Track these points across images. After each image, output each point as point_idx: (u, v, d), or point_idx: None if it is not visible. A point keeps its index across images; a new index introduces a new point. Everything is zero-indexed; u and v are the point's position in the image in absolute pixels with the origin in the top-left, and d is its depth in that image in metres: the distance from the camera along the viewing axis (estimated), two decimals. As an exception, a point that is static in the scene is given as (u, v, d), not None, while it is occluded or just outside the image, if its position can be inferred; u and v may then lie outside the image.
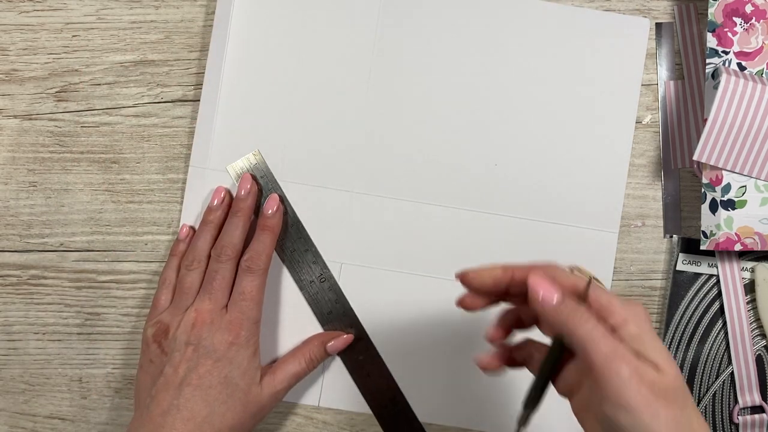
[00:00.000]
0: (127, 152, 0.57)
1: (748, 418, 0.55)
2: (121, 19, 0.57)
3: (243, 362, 0.50)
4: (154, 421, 0.47)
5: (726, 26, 0.53)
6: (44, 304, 0.57)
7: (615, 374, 0.35)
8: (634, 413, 0.35)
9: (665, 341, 0.55)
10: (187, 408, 0.48)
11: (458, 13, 0.56)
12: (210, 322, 0.49)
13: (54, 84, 0.57)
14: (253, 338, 0.51)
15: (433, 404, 0.55)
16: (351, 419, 0.56)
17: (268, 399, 0.51)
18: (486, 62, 0.56)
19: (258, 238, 0.52)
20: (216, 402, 0.48)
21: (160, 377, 0.49)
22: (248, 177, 0.54)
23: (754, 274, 0.55)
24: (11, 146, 0.57)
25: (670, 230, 0.56)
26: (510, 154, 0.56)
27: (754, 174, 0.52)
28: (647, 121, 0.56)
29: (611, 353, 0.36)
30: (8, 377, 0.57)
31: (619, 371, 0.35)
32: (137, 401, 0.50)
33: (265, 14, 0.56)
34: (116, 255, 0.57)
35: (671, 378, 0.36)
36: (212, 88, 0.56)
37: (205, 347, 0.49)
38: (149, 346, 0.51)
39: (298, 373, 0.53)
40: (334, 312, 0.55)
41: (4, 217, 0.57)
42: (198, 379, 0.48)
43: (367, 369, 0.55)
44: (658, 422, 0.35)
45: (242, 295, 0.50)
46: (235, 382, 0.49)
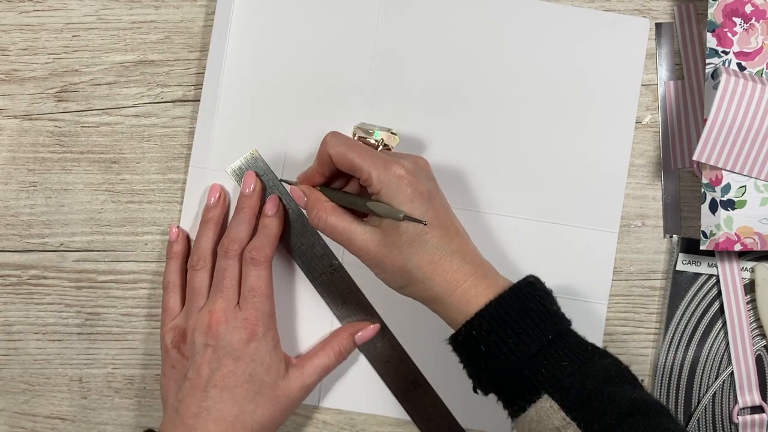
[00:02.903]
0: (127, 152, 0.57)
1: (747, 418, 0.55)
2: (121, 19, 0.57)
3: (265, 358, 0.50)
4: (186, 424, 0.48)
5: (726, 26, 0.53)
6: (44, 304, 0.57)
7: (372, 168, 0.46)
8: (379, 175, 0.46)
9: (665, 341, 0.55)
10: (217, 409, 0.48)
11: (458, 13, 0.56)
12: (225, 321, 0.50)
13: (54, 84, 0.57)
14: (270, 332, 0.51)
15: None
16: (351, 419, 0.56)
17: (298, 392, 0.51)
18: (486, 62, 0.56)
19: (260, 232, 0.53)
20: (244, 400, 0.49)
21: (185, 382, 0.49)
22: (252, 174, 0.54)
23: (754, 274, 0.55)
24: (11, 146, 0.57)
25: (670, 230, 0.56)
26: (510, 154, 0.56)
27: (753, 174, 0.52)
28: (647, 121, 0.56)
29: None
30: (8, 377, 0.57)
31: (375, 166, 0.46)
32: (165, 405, 0.51)
33: (265, 14, 0.56)
34: (116, 255, 0.57)
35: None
36: (212, 88, 0.56)
37: (224, 347, 0.49)
38: (169, 353, 0.51)
39: (327, 367, 0.53)
40: (348, 302, 0.55)
41: (4, 217, 0.57)
42: (222, 379, 0.49)
43: (386, 355, 0.55)
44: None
45: (252, 292, 0.50)
46: (261, 378, 0.49)
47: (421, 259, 0.46)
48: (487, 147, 0.56)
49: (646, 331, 0.56)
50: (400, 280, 0.47)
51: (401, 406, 0.55)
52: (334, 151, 0.48)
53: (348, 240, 0.47)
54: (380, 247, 0.46)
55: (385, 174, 0.46)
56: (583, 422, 0.42)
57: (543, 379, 0.43)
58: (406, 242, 0.46)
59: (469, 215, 0.55)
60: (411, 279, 0.47)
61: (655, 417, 0.42)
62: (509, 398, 0.45)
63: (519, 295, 0.45)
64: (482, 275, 0.47)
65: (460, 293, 0.46)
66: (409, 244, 0.46)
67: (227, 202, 0.55)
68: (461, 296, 0.46)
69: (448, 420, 0.55)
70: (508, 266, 0.55)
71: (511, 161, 0.56)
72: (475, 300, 0.46)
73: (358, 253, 0.47)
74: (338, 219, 0.48)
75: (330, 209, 0.48)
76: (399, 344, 0.55)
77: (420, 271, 0.46)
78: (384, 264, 0.47)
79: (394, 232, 0.46)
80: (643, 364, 0.56)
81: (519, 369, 0.44)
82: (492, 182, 0.56)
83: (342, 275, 0.55)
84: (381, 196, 0.46)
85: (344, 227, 0.47)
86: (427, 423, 0.55)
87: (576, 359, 0.44)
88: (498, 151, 0.56)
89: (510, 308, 0.45)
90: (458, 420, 0.55)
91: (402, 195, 0.46)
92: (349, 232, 0.47)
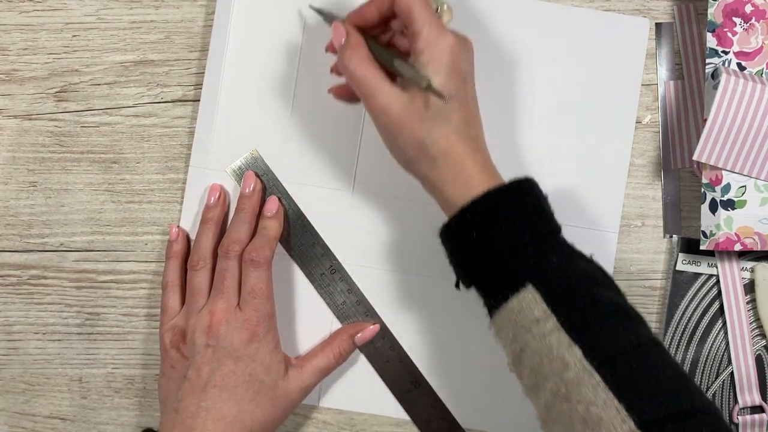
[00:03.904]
0: (127, 152, 0.57)
1: (747, 418, 0.55)
2: (121, 19, 0.57)
3: (265, 358, 0.50)
4: (185, 424, 0.48)
5: (726, 26, 0.53)
6: (44, 304, 0.57)
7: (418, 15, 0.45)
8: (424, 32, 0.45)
9: (665, 341, 0.55)
10: (216, 409, 0.48)
11: (457, 13, 0.56)
12: (226, 321, 0.50)
13: (54, 84, 0.57)
14: (270, 333, 0.51)
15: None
16: (351, 419, 0.56)
17: (297, 393, 0.51)
18: (485, 62, 0.56)
19: (260, 233, 0.53)
20: (243, 400, 0.49)
21: (185, 382, 0.49)
22: (252, 174, 0.54)
23: (753, 274, 0.55)
24: (11, 146, 0.57)
25: (670, 230, 0.56)
26: (510, 154, 0.56)
27: (753, 174, 0.52)
28: (647, 121, 0.56)
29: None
30: (8, 377, 0.57)
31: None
32: (164, 406, 0.51)
33: (265, 14, 0.56)
34: (116, 255, 0.57)
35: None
36: (212, 88, 0.56)
37: (225, 347, 0.49)
38: (168, 353, 0.51)
39: (327, 368, 0.53)
40: (348, 302, 0.55)
41: (4, 217, 0.57)
42: (222, 379, 0.49)
43: (386, 355, 0.55)
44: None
45: (252, 293, 0.50)
46: (260, 379, 0.49)
47: (440, 135, 0.45)
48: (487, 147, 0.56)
49: (646, 331, 0.56)
50: (411, 152, 0.46)
51: (401, 406, 0.55)
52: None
53: (372, 95, 0.45)
54: (402, 111, 0.45)
55: (436, 36, 0.45)
56: (563, 316, 0.42)
57: (529, 268, 0.43)
58: (430, 115, 0.45)
59: (469, 215, 0.55)
60: (423, 154, 0.46)
61: (635, 322, 0.42)
62: (492, 288, 0.45)
63: (518, 188, 0.45)
64: (489, 168, 0.47)
65: (464, 177, 0.46)
66: (433, 118, 0.45)
67: (227, 202, 0.55)
68: (464, 180, 0.46)
69: (448, 420, 0.55)
70: (508, 266, 0.55)
71: (510, 161, 0.56)
72: (477, 187, 0.45)
73: (379, 113, 0.45)
74: (369, 68, 0.45)
75: (364, 58, 0.46)
76: (399, 344, 0.55)
77: (435, 146, 0.45)
78: (401, 131, 0.45)
79: (421, 100, 0.45)
80: (643, 364, 0.56)
81: (507, 257, 0.44)
82: (492, 182, 0.56)
83: (342, 275, 0.55)
84: (421, 55, 0.45)
85: (371, 79, 0.45)
86: (427, 423, 0.55)
87: (564, 256, 0.44)
88: (498, 150, 0.56)
89: (507, 198, 0.45)
90: (458, 420, 0.55)
91: (442, 64, 0.44)
92: (375, 86, 0.45)
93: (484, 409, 0.55)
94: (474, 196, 0.45)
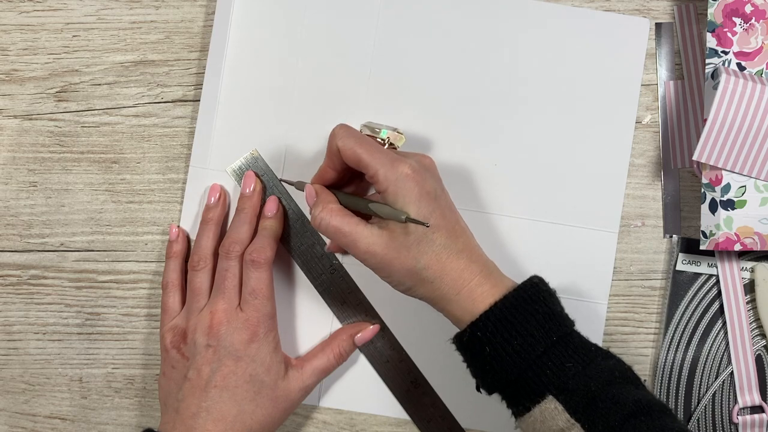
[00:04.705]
0: (128, 152, 0.57)
1: (747, 418, 0.55)
2: (121, 19, 0.57)
3: (266, 358, 0.50)
4: (186, 424, 0.48)
5: (726, 26, 0.53)
6: (44, 304, 0.57)
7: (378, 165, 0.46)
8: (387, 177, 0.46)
9: (665, 341, 0.55)
10: (216, 409, 0.48)
11: (457, 13, 0.56)
12: (227, 321, 0.50)
13: (54, 84, 0.57)
14: (271, 333, 0.51)
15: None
16: (351, 419, 0.56)
17: (297, 393, 0.51)
18: (485, 62, 0.56)
19: (260, 233, 0.53)
20: (244, 400, 0.49)
21: (185, 382, 0.49)
22: (252, 174, 0.54)
23: (753, 274, 0.55)
24: (11, 146, 0.57)
25: (670, 230, 0.56)
26: (510, 154, 0.56)
27: (753, 174, 0.52)
28: (647, 121, 0.56)
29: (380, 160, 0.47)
30: (8, 377, 0.57)
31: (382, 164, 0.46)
32: (164, 406, 0.51)
33: (265, 14, 0.56)
34: (116, 255, 0.57)
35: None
36: (212, 88, 0.56)
37: (225, 347, 0.49)
38: (169, 353, 0.51)
39: (327, 368, 0.53)
40: (348, 302, 0.55)
41: (5, 217, 0.57)
42: (223, 379, 0.49)
43: (386, 355, 0.55)
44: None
45: (253, 293, 0.50)
46: (261, 379, 0.50)
47: (429, 258, 0.46)
48: (487, 147, 0.56)
49: (646, 331, 0.56)
50: (408, 281, 0.47)
51: (401, 406, 0.55)
52: (342, 143, 0.47)
53: (353, 242, 0.47)
54: (387, 249, 0.46)
55: (392, 172, 0.46)
56: (587, 423, 0.42)
57: (547, 380, 0.44)
58: (413, 242, 0.46)
59: (469, 215, 0.55)
60: (419, 280, 0.47)
61: (658, 417, 0.43)
62: (513, 398, 0.45)
63: (524, 296, 0.45)
64: (487, 274, 0.47)
65: (466, 292, 0.46)
66: (417, 244, 0.46)
67: (227, 202, 0.55)
68: (467, 295, 0.46)
69: (448, 420, 0.55)
70: (509, 266, 0.55)
71: (511, 161, 0.56)
72: (481, 300, 0.46)
73: (364, 256, 0.47)
74: (342, 221, 0.47)
75: (335, 210, 0.47)
76: (399, 344, 0.55)
77: (428, 271, 0.46)
78: (392, 266, 0.46)
79: (401, 232, 0.46)
80: (643, 364, 0.56)
81: (523, 370, 0.44)
82: (492, 182, 0.56)
83: (342, 275, 0.55)
84: (387, 194, 0.46)
85: (349, 230, 0.47)
86: (427, 423, 0.55)
87: (580, 360, 0.44)
88: (498, 150, 0.56)
89: (515, 309, 0.45)
90: (458, 420, 0.55)
91: (409, 194, 0.46)
92: (353, 233, 0.47)
93: (484, 409, 0.55)
94: (479, 311, 0.45)
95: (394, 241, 0.46)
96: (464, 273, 0.46)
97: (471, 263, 0.46)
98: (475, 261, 0.47)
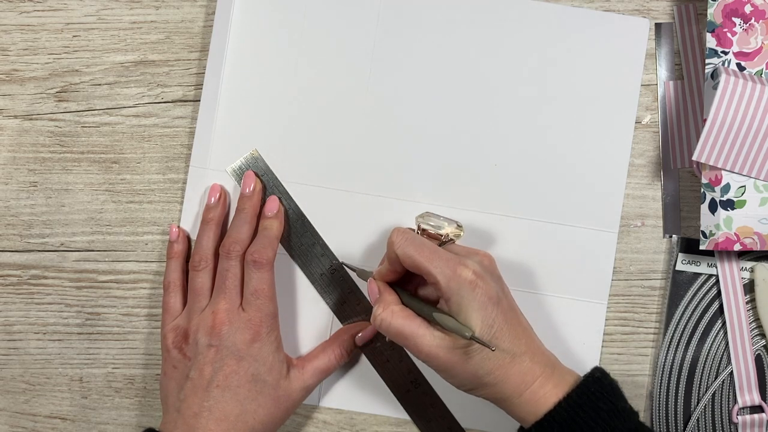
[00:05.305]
0: (128, 152, 0.57)
1: (747, 418, 0.55)
2: (122, 19, 0.57)
3: (268, 358, 0.50)
4: (188, 424, 0.48)
5: (725, 26, 0.53)
6: (45, 304, 0.57)
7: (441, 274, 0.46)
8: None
9: (665, 341, 0.55)
10: (218, 409, 0.48)
11: (457, 13, 0.56)
12: (229, 321, 0.50)
13: (54, 84, 0.57)
14: (273, 333, 0.51)
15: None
16: (351, 419, 0.56)
17: (299, 393, 0.52)
18: (485, 62, 0.56)
19: (261, 234, 0.53)
20: (246, 400, 0.49)
21: (187, 381, 0.49)
22: (252, 174, 0.54)
23: (753, 274, 0.55)
24: (12, 146, 0.57)
25: (670, 230, 0.56)
26: (510, 154, 0.56)
27: (753, 174, 0.52)
28: (647, 121, 0.56)
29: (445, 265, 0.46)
30: (9, 377, 0.57)
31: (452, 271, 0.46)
32: (165, 406, 0.51)
33: (265, 15, 0.56)
34: (116, 255, 0.57)
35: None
36: (212, 88, 0.56)
37: (228, 347, 0.49)
38: (170, 353, 0.51)
39: (328, 368, 0.53)
40: (348, 302, 0.55)
41: (5, 217, 0.57)
42: (225, 379, 0.49)
43: (385, 355, 0.55)
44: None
45: (255, 294, 0.50)
46: (263, 379, 0.50)
47: (492, 364, 0.46)
48: (487, 147, 0.56)
49: (646, 331, 0.56)
50: (470, 384, 0.47)
51: (401, 406, 0.55)
52: (402, 252, 0.47)
53: (414, 346, 0.46)
54: (449, 353, 0.46)
55: (454, 279, 0.45)
56: None
57: None
58: (476, 349, 0.45)
59: (469, 215, 0.55)
60: (481, 384, 0.46)
61: None
62: None
63: (587, 393, 0.45)
64: (550, 373, 0.47)
65: (529, 394, 0.46)
66: (480, 351, 0.45)
67: (228, 202, 0.55)
68: (530, 397, 0.46)
69: (448, 420, 0.55)
70: (509, 266, 0.55)
71: (510, 161, 0.56)
72: (544, 400, 0.46)
73: (426, 358, 0.46)
74: (404, 322, 0.46)
75: (396, 312, 0.47)
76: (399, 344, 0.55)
77: (491, 376, 0.46)
78: (454, 370, 0.46)
79: (463, 340, 0.45)
80: (643, 363, 0.56)
81: None
82: (492, 182, 0.56)
83: (342, 275, 0.55)
84: (451, 303, 0.46)
85: (411, 332, 0.46)
86: (427, 423, 0.55)
87: None
88: (498, 151, 0.56)
89: (579, 408, 0.45)
90: (458, 420, 0.55)
91: (472, 301, 0.45)
92: (416, 337, 0.46)
93: (484, 409, 0.55)
94: (543, 411, 0.45)
95: (457, 347, 0.45)
96: (527, 376, 0.46)
97: (534, 365, 0.46)
98: (537, 362, 0.47)
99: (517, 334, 0.47)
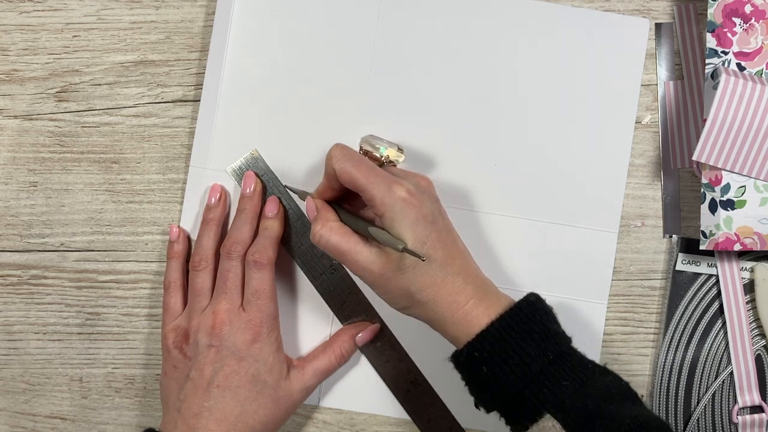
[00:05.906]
0: (128, 152, 0.57)
1: (747, 418, 0.55)
2: (122, 19, 0.57)
3: (268, 358, 0.50)
4: (188, 424, 0.48)
5: (725, 26, 0.53)
6: (45, 304, 0.57)
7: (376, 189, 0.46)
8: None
9: (665, 341, 0.55)
10: (219, 409, 0.48)
11: (457, 14, 0.56)
12: (229, 322, 0.50)
13: (54, 84, 0.57)
14: (274, 333, 0.51)
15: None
16: (351, 419, 0.56)
17: (299, 394, 0.52)
18: (485, 63, 0.56)
19: (261, 234, 0.53)
20: (246, 400, 0.49)
21: (187, 382, 0.49)
22: (252, 175, 0.54)
23: (753, 274, 0.55)
24: (12, 146, 0.57)
25: (670, 230, 0.56)
26: (510, 154, 0.56)
27: (753, 174, 0.52)
28: (647, 121, 0.56)
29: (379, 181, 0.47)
30: (9, 377, 0.57)
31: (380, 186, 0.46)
32: (165, 406, 0.51)
33: (265, 15, 0.56)
34: (117, 255, 0.57)
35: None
36: (212, 88, 0.56)
37: (228, 348, 0.49)
38: (171, 353, 0.51)
39: (329, 369, 0.53)
40: (348, 302, 0.55)
41: (5, 217, 0.57)
42: (225, 379, 0.49)
43: (385, 355, 0.55)
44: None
45: (256, 294, 0.50)
46: (263, 379, 0.50)
47: (424, 281, 0.46)
48: (487, 147, 0.56)
49: (646, 331, 0.56)
50: (403, 302, 0.47)
51: (401, 405, 0.55)
52: (339, 166, 0.47)
53: (351, 260, 0.47)
54: (383, 269, 0.46)
55: (389, 196, 0.46)
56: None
57: (545, 399, 0.44)
58: (409, 265, 0.46)
59: (468, 215, 0.55)
60: (413, 301, 0.47)
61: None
62: (511, 417, 0.46)
63: (520, 315, 0.45)
64: (483, 295, 0.47)
65: (461, 314, 0.46)
66: (413, 267, 0.46)
67: (228, 203, 0.55)
68: (463, 317, 0.46)
69: (448, 420, 0.55)
70: (509, 266, 0.55)
71: (510, 161, 0.56)
72: (477, 321, 0.46)
73: (361, 273, 0.47)
74: (341, 239, 0.47)
75: (334, 228, 0.48)
76: (399, 344, 0.55)
77: (423, 293, 0.46)
78: (387, 285, 0.47)
79: (397, 255, 0.46)
80: (643, 364, 0.56)
81: (521, 389, 0.44)
82: (492, 182, 0.56)
83: (342, 275, 0.55)
84: (384, 218, 0.46)
85: (347, 248, 0.47)
86: (427, 423, 0.55)
87: (577, 378, 0.44)
88: (498, 151, 0.56)
89: (511, 329, 0.45)
90: (458, 420, 0.55)
91: (405, 218, 0.46)
92: (353, 253, 0.47)
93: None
94: (475, 332, 0.45)
95: (390, 262, 0.46)
96: (459, 295, 0.46)
97: (466, 285, 0.47)
98: (470, 282, 0.47)
99: (451, 254, 0.47)
